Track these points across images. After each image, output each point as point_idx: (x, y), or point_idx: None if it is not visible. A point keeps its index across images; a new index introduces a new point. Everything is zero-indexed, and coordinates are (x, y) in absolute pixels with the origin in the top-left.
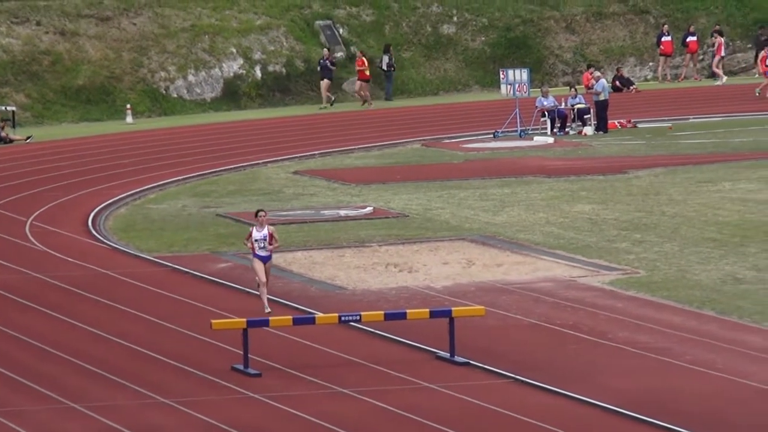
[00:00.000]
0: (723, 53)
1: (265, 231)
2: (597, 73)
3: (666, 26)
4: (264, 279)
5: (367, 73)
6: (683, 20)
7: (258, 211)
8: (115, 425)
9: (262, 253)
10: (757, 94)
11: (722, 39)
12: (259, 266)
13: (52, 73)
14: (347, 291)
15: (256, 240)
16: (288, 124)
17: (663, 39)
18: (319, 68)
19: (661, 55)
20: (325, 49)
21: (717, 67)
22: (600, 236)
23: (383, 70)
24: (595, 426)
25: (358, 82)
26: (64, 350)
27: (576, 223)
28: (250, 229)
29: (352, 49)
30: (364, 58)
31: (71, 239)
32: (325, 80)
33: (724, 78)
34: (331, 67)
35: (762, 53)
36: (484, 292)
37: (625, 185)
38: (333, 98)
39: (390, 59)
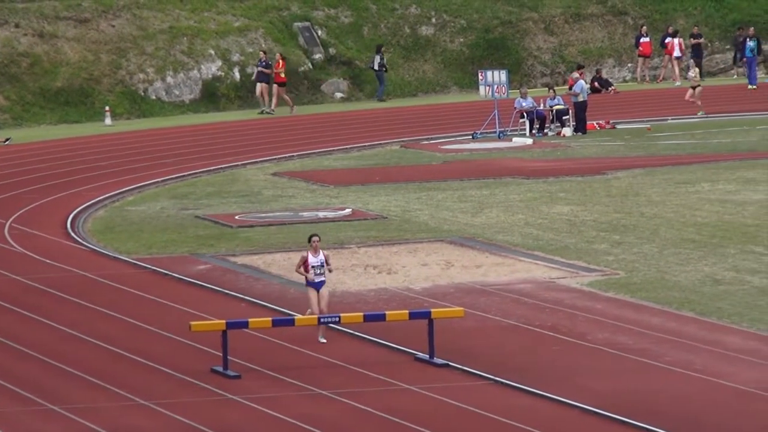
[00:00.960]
0: (676, 53)
1: (321, 256)
2: (575, 75)
3: (644, 27)
4: (317, 310)
5: (283, 75)
6: (662, 21)
7: (311, 236)
8: (95, 427)
9: (318, 280)
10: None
11: (676, 40)
12: (313, 296)
13: (30, 75)
14: None
15: (313, 266)
16: (267, 126)
17: (641, 40)
18: (256, 71)
19: (639, 56)
20: (261, 52)
21: (671, 67)
22: (579, 237)
23: (374, 70)
24: (574, 427)
25: (276, 87)
26: (44, 352)
27: (555, 224)
28: (304, 255)
29: (331, 50)
30: (282, 61)
31: (50, 241)
32: (263, 83)
33: (678, 82)
34: (266, 70)
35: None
36: (463, 293)
37: (603, 186)
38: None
39: (381, 59)
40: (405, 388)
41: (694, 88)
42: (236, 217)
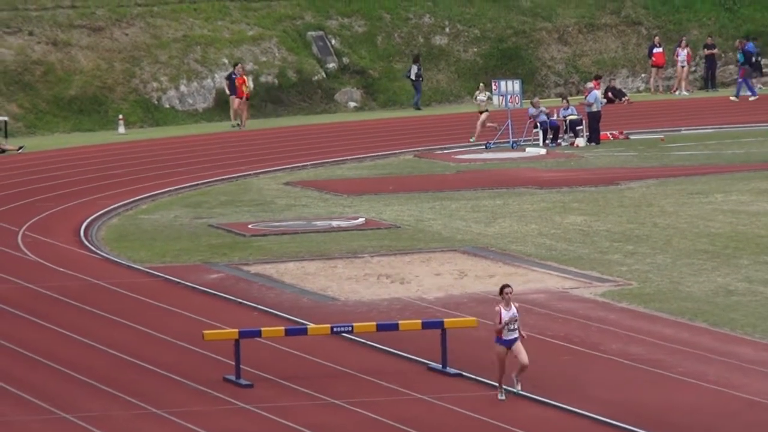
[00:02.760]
0: (682, 62)
1: (514, 309)
2: (589, 84)
3: (658, 38)
4: (502, 371)
5: (245, 90)
6: (675, 32)
7: (503, 287)
8: None
9: (511, 337)
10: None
11: (679, 49)
12: (501, 352)
13: (44, 83)
14: (339, 302)
15: (506, 322)
16: (280, 135)
17: (655, 50)
18: (227, 82)
19: (653, 66)
20: (238, 64)
21: (683, 78)
22: (592, 248)
23: (411, 79)
24: None
25: (236, 100)
26: (56, 360)
27: (568, 234)
28: (497, 308)
29: (344, 60)
30: (244, 76)
31: (63, 249)
32: (234, 96)
33: (683, 91)
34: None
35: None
36: (476, 303)
37: (617, 197)
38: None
39: (418, 69)
40: (417, 398)
41: (481, 112)
42: (249, 226)
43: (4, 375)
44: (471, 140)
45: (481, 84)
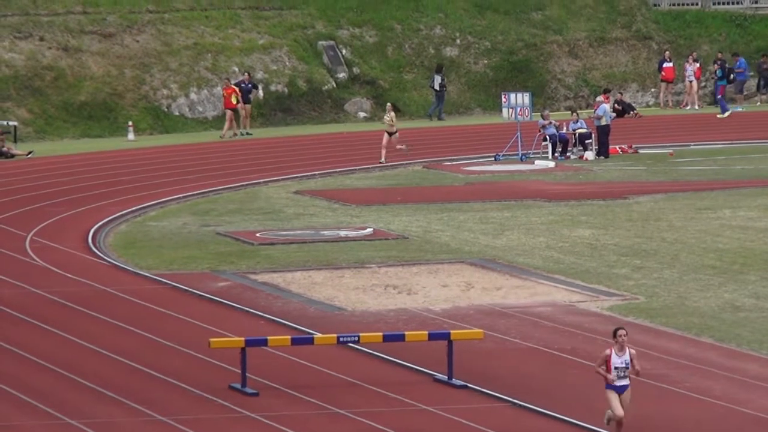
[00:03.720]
0: (690, 77)
1: (627, 355)
2: (599, 98)
3: (668, 52)
4: (621, 413)
5: (234, 101)
6: (686, 47)
7: (617, 330)
8: None
9: (621, 384)
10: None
11: (687, 65)
12: (614, 398)
13: (54, 88)
14: (346, 312)
15: (616, 368)
16: (289, 144)
17: (665, 65)
18: (240, 92)
19: (662, 81)
20: (246, 73)
21: (691, 93)
22: (600, 261)
23: (435, 90)
24: None
25: (228, 111)
26: (62, 366)
27: (576, 247)
28: (606, 352)
29: (355, 70)
30: (233, 87)
31: (71, 255)
32: (247, 105)
33: (690, 106)
34: (253, 88)
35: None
36: (482, 315)
37: (625, 211)
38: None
39: (442, 79)
40: (423, 409)
41: (390, 134)
42: (257, 235)
43: (9, 379)
44: (381, 161)
45: (389, 104)
